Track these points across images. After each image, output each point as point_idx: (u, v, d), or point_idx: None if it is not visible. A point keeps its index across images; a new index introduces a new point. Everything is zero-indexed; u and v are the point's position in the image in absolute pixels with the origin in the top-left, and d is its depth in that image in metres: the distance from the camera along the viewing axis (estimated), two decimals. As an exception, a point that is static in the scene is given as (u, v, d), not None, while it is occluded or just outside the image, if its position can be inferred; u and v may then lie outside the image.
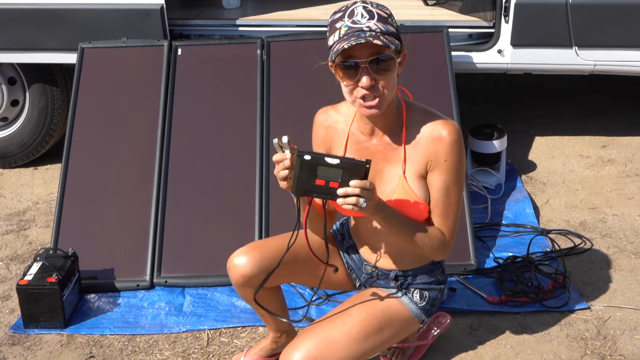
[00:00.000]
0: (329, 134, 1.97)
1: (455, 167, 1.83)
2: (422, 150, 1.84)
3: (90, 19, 3.21)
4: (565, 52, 3.22)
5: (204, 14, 3.53)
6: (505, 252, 2.78)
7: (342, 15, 1.74)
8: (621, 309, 2.45)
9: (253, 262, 1.96)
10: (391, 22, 1.75)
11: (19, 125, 3.58)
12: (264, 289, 1.99)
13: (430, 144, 1.83)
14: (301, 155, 1.67)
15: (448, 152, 1.82)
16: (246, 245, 2.02)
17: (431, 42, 3.11)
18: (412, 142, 1.85)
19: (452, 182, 1.84)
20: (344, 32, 1.71)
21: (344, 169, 1.66)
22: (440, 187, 1.85)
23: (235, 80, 3.07)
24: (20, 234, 3.13)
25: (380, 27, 1.71)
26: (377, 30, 1.70)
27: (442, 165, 1.83)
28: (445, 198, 1.85)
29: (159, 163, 2.89)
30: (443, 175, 1.84)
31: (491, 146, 3.27)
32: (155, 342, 2.40)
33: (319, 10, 3.58)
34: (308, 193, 1.71)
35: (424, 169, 1.85)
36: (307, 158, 1.67)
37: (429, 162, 1.84)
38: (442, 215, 1.87)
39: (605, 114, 4.03)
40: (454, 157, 1.82)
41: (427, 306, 2.00)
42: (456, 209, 1.88)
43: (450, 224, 1.88)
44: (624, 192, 3.24)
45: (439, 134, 1.82)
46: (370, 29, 1.70)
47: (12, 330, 2.48)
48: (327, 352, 1.81)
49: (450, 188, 1.85)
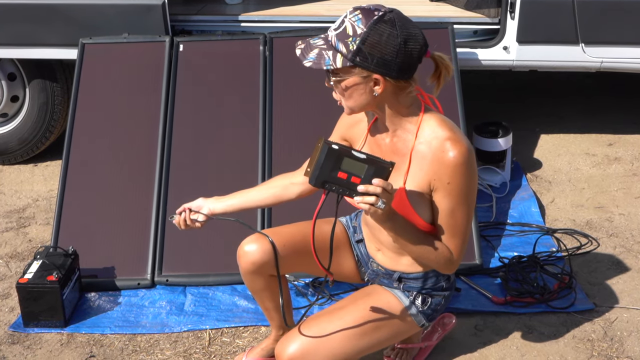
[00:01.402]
0: (352, 122, 1.97)
1: (459, 190, 1.77)
2: (427, 167, 1.78)
3: (91, 14, 3.19)
4: (572, 49, 3.19)
5: (205, 10, 3.51)
6: (511, 252, 2.75)
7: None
8: (628, 309, 2.43)
9: (264, 250, 1.95)
10: (348, 42, 1.67)
11: (19, 121, 3.56)
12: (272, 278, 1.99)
13: (435, 163, 1.77)
14: (329, 143, 1.61)
15: (451, 174, 1.75)
16: (257, 233, 2.01)
17: (436, 38, 3.07)
18: (419, 156, 1.80)
19: (456, 204, 1.78)
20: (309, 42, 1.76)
21: (369, 165, 1.61)
22: (445, 208, 1.79)
23: (238, 77, 3.04)
24: (20, 231, 3.10)
25: (333, 41, 1.70)
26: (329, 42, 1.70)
27: (445, 188, 1.77)
28: (450, 219, 1.80)
29: (160, 160, 2.87)
30: (447, 198, 1.78)
31: (496, 144, 3.24)
32: (156, 342, 2.38)
33: (322, 6, 3.56)
34: (326, 185, 1.64)
35: (426, 186, 1.80)
36: (335, 147, 1.60)
37: (431, 182, 1.79)
38: (447, 235, 1.82)
39: (611, 111, 3.99)
40: (457, 180, 1.75)
41: (429, 311, 1.97)
42: (464, 229, 1.82)
43: (458, 243, 1.82)
44: (631, 191, 3.21)
45: (444, 154, 1.75)
46: (327, 37, 1.72)
47: (12, 329, 2.46)
48: (322, 345, 1.81)
49: (455, 210, 1.79)
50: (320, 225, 2.03)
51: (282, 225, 2.10)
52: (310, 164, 1.64)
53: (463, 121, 2.87)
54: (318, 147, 1.62)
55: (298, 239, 2.01)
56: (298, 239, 2.01)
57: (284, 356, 1.81)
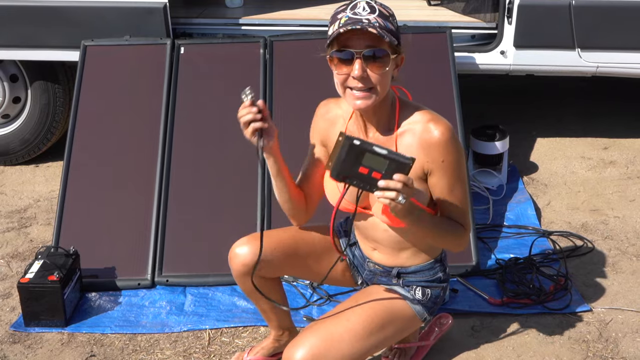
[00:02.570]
0: (327, 126, 1.98)
1: (454, 165, 1.83)
2: (416, 153, 1.81)
3: (93, 16, 3.20)
4: (568, 53, 3.22)
5: (206, 13, 3.53)
6: (507, 254, 2.78)
7: (344, 7, 1.76)
8: (623, 311, 2.45)
9: (255, 252, 1.96)
10: (392, 21, 1.75)
11: (21, 122, 3.57)
12: (264, 280, 2.00)
13: (423, 146, 1.81)
14: (350, 139, 1.63)
15: (444, 152, 1.81)
16: (248, 235, 2.03)
17: (434, 42, 3.10)
18: (405, 144, 1.84)
19: (454, 180, 1.84)
20: (343, 22, 1.72)
21: (390, 161, 1.63)
22: (444, 187, 1.85)
23: (238, 79, 3.06)
24: (21, 231, 3.12)
25: (380, 21, 1.71)
26: (376, 24, 1.70)
27: (441, 167, 1.82)
28: (451, 196, 1.86)
29: (161, 162, 2.88)
30: (444, 177, 1.83)
31: (493, 147, 3.27)
32: (156, 342, 2.40)
33: (322, 9, 3.58)
34: (347, 179, 1.66)
35: (420, 171, 1.84)
36: (357, 143, 1.63)
37: (425, 165, 1.83)
38: (452, 212, 1.88)
39: (607, 115, 4.02)
40: (450, 156, 1.81)
41: (430, 304, 2.00)
42: (465, 202, 1.88)
43: (463, 217, 1.89)
44: (626, 194, 3.24)
45: (431, 135, 1.80)
46: (369, 21, 1.71)
47: (13, 329, 2.47)
48: (331, 348, 1.81)
49: (454, 185, 1.85)
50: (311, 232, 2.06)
51: (272, 229, 2.12)
52: (331, 158, 1.67)
53: (461, 124, 2.90)
54: (339, 142, 1.64)
55: (289, 243, 2.03)
56: (289, 243, 2.03)
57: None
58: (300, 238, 2.04)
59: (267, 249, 1.95)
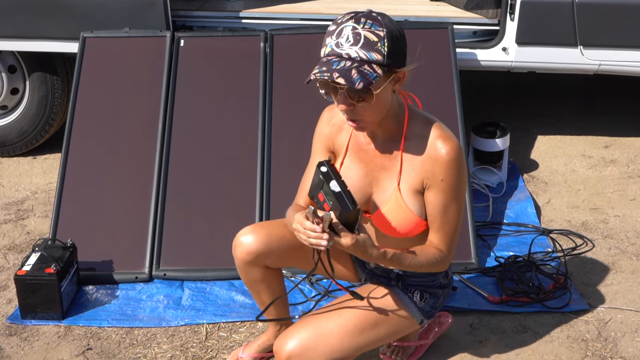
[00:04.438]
0: (333, 132, 1.94)
1: (452, 187, 1.79)
2: (419, 166, 1.80)
3: (92, 8, 3.19)
4: (570, 51, 3.21)
5: (207, 6, 3.51)
6: (507, 252, 2.77)
7: (334, 30, 1.67)
8: (622, 310, 2.44)
9: (260, 240, 1.95)
10: (378, 48, 1.63)
11: (19, 113, 3.56)
12: (267, 270, 1.99)
13: (427, 161, 1.79)
14: (320, 164, 1.72)
15: (445, 171, 1.77)
16: (253, 224, 2.02)
17: (436, 38, 3.09)
18: (410, 155, 1.81)
19: (449, 200, 1.80)
20: (326, 53, 1.67)
21: (336, 200, 1.66)
22: (438, 205, 1.81)
23: (238, 73, 3.05)
24: (18, 223, 3.11)
25: (362, 55, 1.62)
26: (357, 59, 1.62)
27: (439, 185, 1.79)
28: (442, 216, 1.82)
29: (159, 155, 2.87)
30: (440, 195, 1.80)
31: (494, 144, 3.26)
32: (154, 336, 2.39)
33: (323, 3, 3.56)
34: (313, 198, 1.76)
35: (420, 184, 1.82)
36: (323, 170, 1.71)
37: (425, 180, 1.81)
38: (439, 232, 1.84)
39: (608, 114, 4.01)
40: (451, 177, 1.78)
41: (427, 308, 1.98)
42: (455, 226, 1.84)
43: (448, 240, 1.85)
44: (626, 193, 3.23)
45: (437, 152, 1.77)
46: (350, 56, 1.62)
47: (10, 321, 2.46)
48: (321, 342, 1.81)
49: (449, 206, 1.81)
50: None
51: (274, 220, 2.10)
52: None
53: (461, 121, 2.88)
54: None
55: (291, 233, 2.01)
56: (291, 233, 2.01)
57: (282, 352, 1.81)
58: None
59: (274, 239, 1.95)
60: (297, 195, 2.00)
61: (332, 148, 1.95)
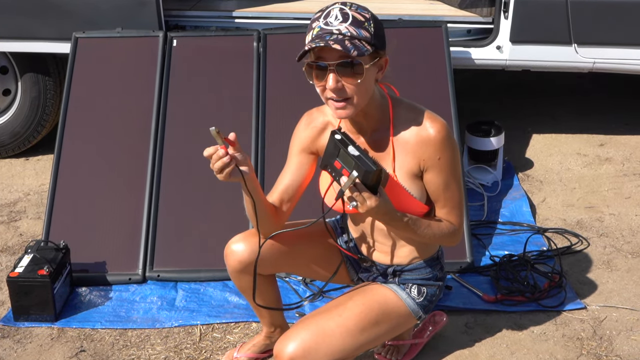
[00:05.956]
0: (314, 134, 1.94)
1: (450, 163, 1.83)
2: (412, 151, 1.82)
3: (84, 8, 3.17)
4: (565, 49, 3.20)
5: (200, 5, 3.50)
6: (502, 251, 2.76)
7: (319, 15, 1.72)
8: (617, 309, 2.44)
9: (251, 249, 1.94)
10: (366, 27, 1.69)
11: (11, 115, 3.54)
12: (260, 277, 1.97)
13: (420, 144, 1.81)
14: (334, 132, 1.73)
15: (440, 150, 1.81)
16: (244, 232, 2.01)
17: (430, 37, 3.08)
18: (401, 141, 1.83)
19: (450, 177, 1.85)
20: (315, 33, 1.70)
21: (356, 164, 1.66)
22: (440, 184, 1.85)
23: (231, 73, 3.04)
24: (10, 225, 3.09)
25: (352, 30, 1.66)
26: (347, 34, 1.66)
27: (437, 164, 1.82)
28: (446, 192, 1.86)
29: (152, 155, 2.86)
30: (441, 173, 1.83)
31: (488, 143, 3.25)
32: (147, 337, 2.37)
33: (316, 2, 3.55)
34: (327, 168, 1.76)
35: (416, 168, 1.84)
36: (337, 137, 1.72)
37: (421, 162, 1.83)
38: (447, 208, 1.88)
39: (603, 112, 4.01)
40: (446, 154, 1.82)
41: (425, 302, 1.98)
42: (459, 198, 1.89)
43: (457, 213, 1.89)
44: (621, 191, 3.23)
45: (427, 133, 1.80)
46: (340, 32, 1.66)
47: (2, 323, 2.45)
48: (322, 342, 1.80)
49: (450, 182, 1.85)
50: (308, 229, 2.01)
51: None
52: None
53: (456, 120, 2.87)
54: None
55: (286, 239, 2.00)
56: (286, 239, 2.00)
57: (284, 355, 1.78)
58: (298, 235, 2.00)
59: (265, 246, 1.93)
60: (271, 192, 1.98)
61: (312, 150, 1.95)
